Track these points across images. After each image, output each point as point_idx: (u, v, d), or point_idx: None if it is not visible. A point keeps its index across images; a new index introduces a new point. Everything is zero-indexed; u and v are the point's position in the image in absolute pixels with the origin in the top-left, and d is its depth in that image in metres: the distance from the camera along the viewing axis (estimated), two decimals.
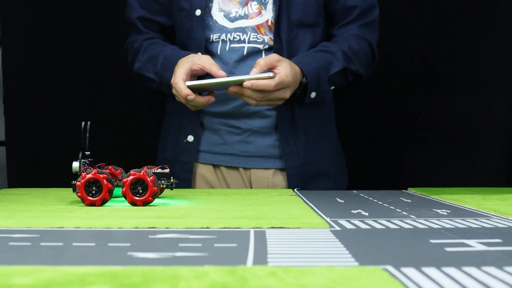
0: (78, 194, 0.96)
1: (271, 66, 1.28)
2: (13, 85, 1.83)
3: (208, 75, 1.33)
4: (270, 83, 1.25)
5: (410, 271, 0.51)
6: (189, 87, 1.27)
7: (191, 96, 1.27)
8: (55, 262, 0.56)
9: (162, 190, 1.12)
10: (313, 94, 1.38)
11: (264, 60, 1.28)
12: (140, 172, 0.97)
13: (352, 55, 1.42)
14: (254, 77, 1.26)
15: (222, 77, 1.28)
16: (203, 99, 1.30)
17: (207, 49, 1.42)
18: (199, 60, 1.31)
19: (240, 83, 1.26)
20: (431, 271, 0.51)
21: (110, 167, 1.06)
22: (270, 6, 1.41)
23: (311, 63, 1.36)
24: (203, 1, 1.42)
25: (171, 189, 1.06)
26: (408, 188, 1.31)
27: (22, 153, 1.85)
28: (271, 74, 1.26)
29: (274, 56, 1.29)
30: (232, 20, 1.41)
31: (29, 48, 1.84)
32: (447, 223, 0.80)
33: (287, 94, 1.31)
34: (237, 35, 1.41)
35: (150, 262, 0.55)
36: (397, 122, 1.90)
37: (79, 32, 1.86)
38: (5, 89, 1.82)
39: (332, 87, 1.44)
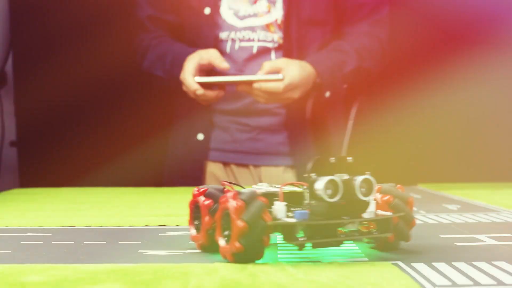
0: None
1: (277, 70, 1.28)
2: (24, 86, 1.83)
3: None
4: (279, 86, 1.25)
5: (421, 266, 0.51)
6: (199, 83, 1.28)
7: (200, 90, 1.28)
8: (67, 260, 0.56)
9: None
10: (327, 94, 1.38)
11: (269, 64, 1.27)
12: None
13: (364, 53, 1.42)
14: (263, 78, 1.26)
15: (231, 76, 1.29)
16: (212, 93, 1.30)
17: (216, 47, 1.42)
18: (206, 54, 1.32)
19: (249, 83, 1.26)
20: (442, 266, 0.51)
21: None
22: (279, 4, 1.41)
23: (325, 63, 1.36)
24: None
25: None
26: (418, 184, 1.31)
27: (33, 153, 1.86)
28: (280, 76, 1.25)
29: (281, 62, 1.28)
30: (241, 18, 1.41)
31: (39, 48, 1.85)
32: (457, 218, 0.79)
33: (295, 94, 1.30)
34: (246, 33, 1.41)
35: (160, 260, 0.55)
36: (407, 118, 1.89)
37: (89, 33, 1.86)
38: (16, 90, 1.83)
39: (345, 86, 1.44)
